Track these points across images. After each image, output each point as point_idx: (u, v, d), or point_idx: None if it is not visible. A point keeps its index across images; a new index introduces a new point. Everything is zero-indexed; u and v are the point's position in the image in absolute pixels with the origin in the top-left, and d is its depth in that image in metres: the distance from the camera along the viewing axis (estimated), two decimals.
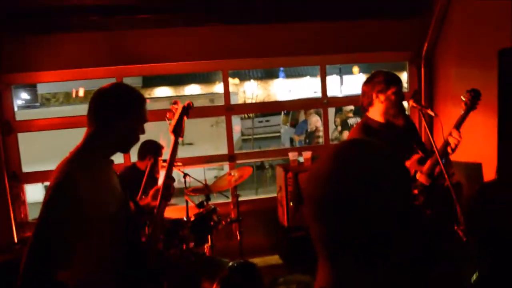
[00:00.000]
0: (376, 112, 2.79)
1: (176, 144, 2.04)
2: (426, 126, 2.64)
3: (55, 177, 1.55)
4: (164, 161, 2.29)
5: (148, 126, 1.88)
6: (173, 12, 4.33)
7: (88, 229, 1.58)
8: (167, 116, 2.08)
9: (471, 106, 2.56)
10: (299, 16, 4.64)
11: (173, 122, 2.03)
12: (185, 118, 2.07)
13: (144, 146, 3.94)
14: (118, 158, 1.92)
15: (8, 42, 4.14)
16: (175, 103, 2.13)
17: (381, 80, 2.74)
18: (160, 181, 2.03)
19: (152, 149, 3.87)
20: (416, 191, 2.63)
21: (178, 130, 2.04)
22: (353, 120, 7.58)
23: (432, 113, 2.63)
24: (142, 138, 1.99)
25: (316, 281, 0.82)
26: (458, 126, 2.57)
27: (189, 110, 2.09)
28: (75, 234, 1.52)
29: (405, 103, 2.96)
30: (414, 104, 2.65)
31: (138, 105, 1.80)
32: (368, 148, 0.81)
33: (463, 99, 2.58)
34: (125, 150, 1.86)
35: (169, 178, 1.98)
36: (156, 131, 3.42)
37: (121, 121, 1.73)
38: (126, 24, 4.29)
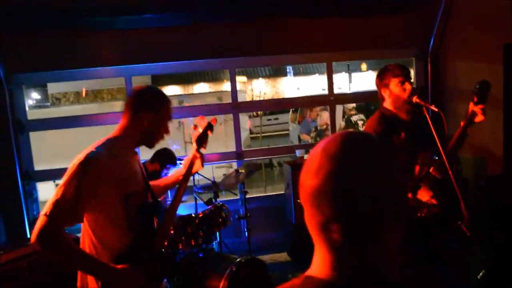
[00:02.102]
0: (387, 103, 2.81)
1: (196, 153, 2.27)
2: (430, 122, 2.65)
3: (83, 154, 1.79)
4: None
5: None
6: (179, 11, 4.39)
7: (104, 200, 1.80)
8: (192, 127, 2.31)
9: (481, 98, 2.54)
10: (305, 13, 4.67)
11: (198, 133, 2.27)
12: (209, 133, 2.30)
13: (158, 151, 4.01)
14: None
15: (18, 43, 4.22)
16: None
17: (386, 73, 2.77)
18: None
19: (163, 157, 3.99)
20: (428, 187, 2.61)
21: (201, 141, 2.27)
22: (356, 117, 7.54)
23: (435, 109, 2.63)
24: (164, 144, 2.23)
25: (311, 264, 0.87)
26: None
27: (213, 127, 2.32)
28: (87, 201, 1.75)
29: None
30: (418, 100, 2.67)
31: (165, 102, 2.07)
32: (357, 141, 0.84)
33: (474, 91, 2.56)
34: (150, 144, 2.09)
35: (189, 174, 2.21)
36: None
37: (148, 114, 1.98)
38: (133, 23, 4.35)
